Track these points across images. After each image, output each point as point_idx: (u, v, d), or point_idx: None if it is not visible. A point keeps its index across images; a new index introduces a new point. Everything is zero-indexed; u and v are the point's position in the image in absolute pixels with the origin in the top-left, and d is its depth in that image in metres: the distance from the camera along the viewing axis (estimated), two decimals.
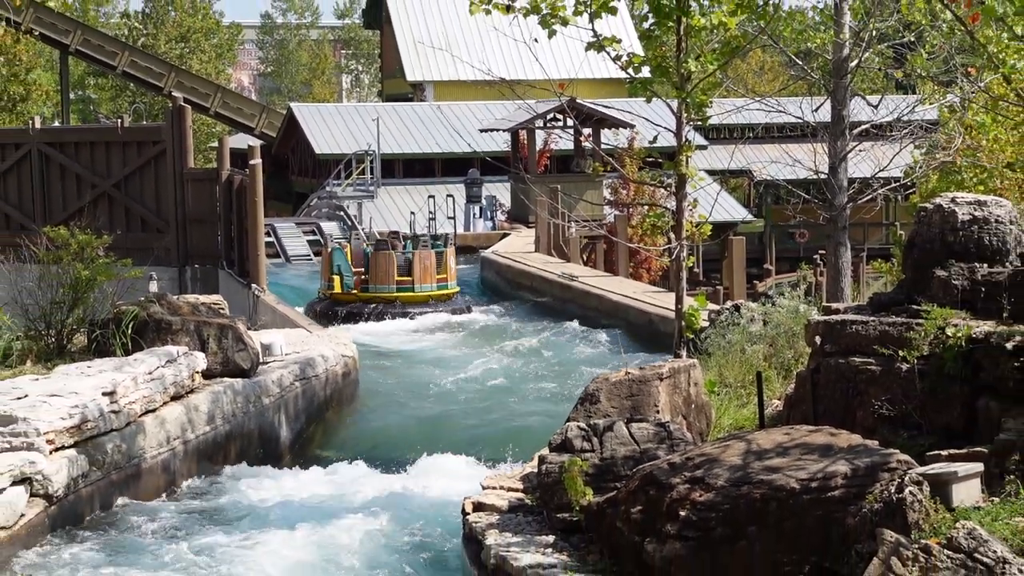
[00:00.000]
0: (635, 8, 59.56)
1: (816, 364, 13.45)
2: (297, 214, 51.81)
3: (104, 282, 20.62)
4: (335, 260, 32.04)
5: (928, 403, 12.32)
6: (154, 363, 17.95)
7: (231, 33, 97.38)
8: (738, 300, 25.57)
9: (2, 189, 33.97)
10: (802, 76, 19.71)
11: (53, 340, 19.97)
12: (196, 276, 32.54)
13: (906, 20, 17.84)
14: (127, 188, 33.11)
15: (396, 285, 31.78)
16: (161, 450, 17.44)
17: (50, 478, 15.06)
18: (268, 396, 19.88)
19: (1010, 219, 13.53)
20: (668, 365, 14.72)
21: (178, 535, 15.76)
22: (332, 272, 32.24)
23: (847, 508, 10.44)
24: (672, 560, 10.86)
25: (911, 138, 20.12)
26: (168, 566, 14.53)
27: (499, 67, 42.56)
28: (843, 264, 17.84)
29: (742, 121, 30.54)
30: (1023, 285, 12.79)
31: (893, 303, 13.53)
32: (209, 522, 16.33)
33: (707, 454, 11.50)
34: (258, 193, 30.36)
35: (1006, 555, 9.24)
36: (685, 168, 15.49)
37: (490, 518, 13.11)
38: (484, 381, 24.87)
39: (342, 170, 52.94)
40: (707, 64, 15.16)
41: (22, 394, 16.13)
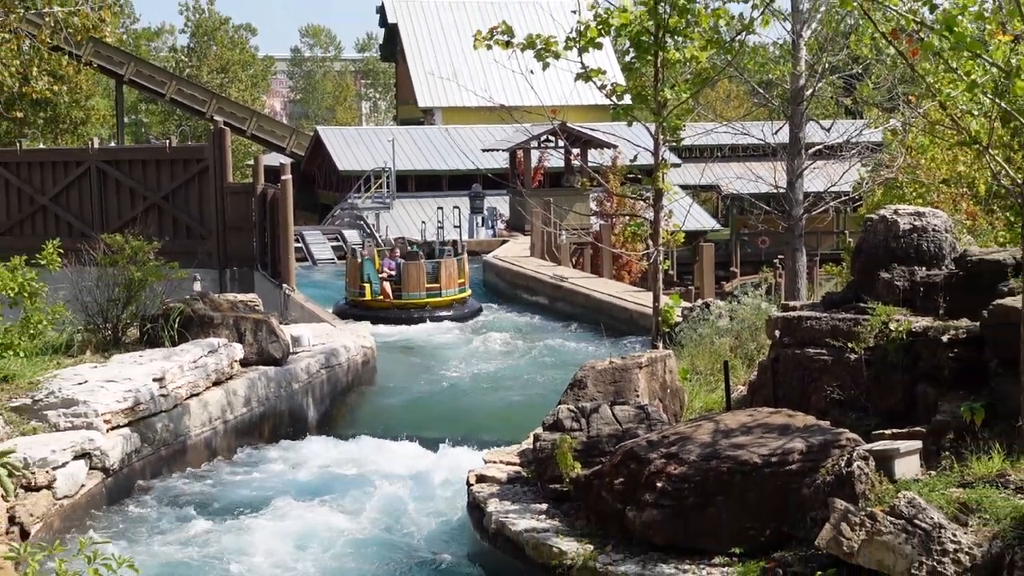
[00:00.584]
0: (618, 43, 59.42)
1: (776, 354, 13.47)
2: (323, 223, 51.68)
3: (154, 282, 20.59)
4: (365, 270, 31.43)
5: (873, 389, 12.35)
6: (198, 353, 17.96)
7: (265, 65, 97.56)
8: (708, 299, 25.59)
9: (65, 201, 33.95)
10: (763, 103, 19.73)
11: (109, 333, 19.93)
12: (234, 277, 32.52)
13: (854, 54, 17.86)
14: (174, 200, 33.09)
15: (426, 291, 31.39)
16: (204, 429, 17.45)
17: (107, 453, 15.09)
18: (297, 382, 19.88)
19: (945, 228, 13.55)
20: (647, 355, 14.71)
21: (219, 502, 15.77)
22: (363, 281, 31.37)
23: (803, 480, 10.45)
24: (650, 525, 10.88)
25: (859, 157, 20.15)
26: (209, 530, 14.53)
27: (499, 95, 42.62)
28: (799, 267, 17.87)
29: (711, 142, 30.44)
30: (957, 286, 12.81)
31: (843, 301, 13.57)
32: (246, 490, 16.34)
33: (681, 433, 11.51)
34: (288, 204, 30.36)
35: (942, 521, 9.25)
36: (662, 183, 15.49)
37: (491, 488, 13.12)
38: (486, 369, 24.86)
39: (362, 184, 52.90)
40: (681, 93, 15.14)
41: (83, 380, 16.15)
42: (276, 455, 18.07)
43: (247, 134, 61.92)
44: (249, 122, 62.89)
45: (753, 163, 22.10)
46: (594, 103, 56.54)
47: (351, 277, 31.93)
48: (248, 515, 15.04)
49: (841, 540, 9.41)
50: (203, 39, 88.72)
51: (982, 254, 13.10)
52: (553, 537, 11.46)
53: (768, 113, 20.90)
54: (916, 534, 9.19)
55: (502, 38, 14.36)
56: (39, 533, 13.21)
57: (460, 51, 65.33)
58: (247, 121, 62.69)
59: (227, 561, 13.41)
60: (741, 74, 17.85)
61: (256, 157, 38.67)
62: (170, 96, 61.76)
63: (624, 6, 14.79)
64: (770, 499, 10.46)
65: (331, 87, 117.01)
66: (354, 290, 31.62)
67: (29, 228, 33.77)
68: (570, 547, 11.17)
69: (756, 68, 18.07)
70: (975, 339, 11.68)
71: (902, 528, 9.24)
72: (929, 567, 9.07)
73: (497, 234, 47.79)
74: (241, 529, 14.53)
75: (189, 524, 14.76)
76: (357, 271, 31.51)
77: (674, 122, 15.27)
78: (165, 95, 61.81)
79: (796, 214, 17.36)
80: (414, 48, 68.53)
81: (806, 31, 17.37)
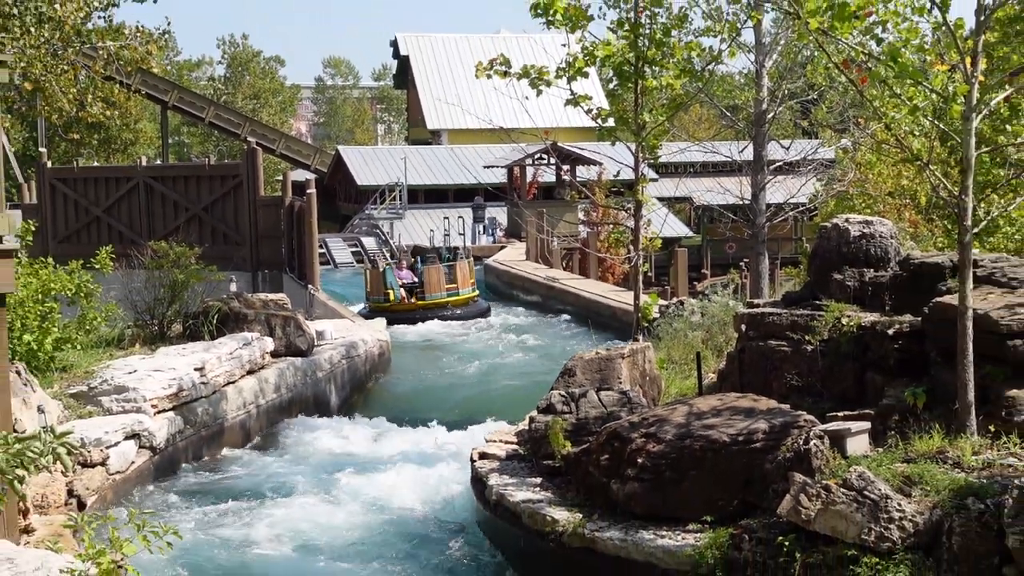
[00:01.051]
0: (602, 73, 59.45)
1: (742, 346, 13.46)
2: (343, 231, 51.73)
3: (195, 283, 20.63)
4: (388, 278, 30.87)
5: (827, 376, 12.34)
6: (234, 346, 17.98)
7: (292, 92, 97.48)
8: (682, 297, 25.58)
9: (116, 212, 33.91)
10: (730, 125, 19.71)
11: (156, 328, 19.96)
12: (265, 279, 32.48)
13: (810, 82, 17.86)
14: (212, 211, 33.06)
15: (446, 291, 31.03)
16: (239, 412, 17.46)
17: (154, 434, 15.11)
18: (321, 371, 19.89)
19: (890, 235, 13.56)
20: (628, 347, 14.72)
21: (253, 476, 15.80)
22: (386, 287, 30.74)
23: (766, 457, 10.45)
24: (632, 496, 10.88)
25: (814, 173, 20.15)
26: (244, 499, 14.56)
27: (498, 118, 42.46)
28: (762, 269, 17.86)
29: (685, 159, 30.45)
30: (901, 285, 12.83)
31: (801, 299, 13.56)
32: (276, 465, 16.38)
33: (658, 415, 11.51)
34: (313, 215, 30.40)
35: (888, 492, 9.26)
36: (641, 196, 15.49)
37: (492, 464, 13.12)
38: (487, 359, 24.89)
39: (377, 197, 52.95)
40: (658, 116, 15.15)
41: (132, 369, 16.17)
42: (303, 435, 18.08)
43: (276, 153, 61.96)
44: (278, 142, 63.02)
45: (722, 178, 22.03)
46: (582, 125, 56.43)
47: (374, 285, 31.30)
48: (278, 487, 15.08)
49: (800, 509, 9.42)
50: (238, 70, 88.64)
51: (923, 258, 13.13)
52: (547, 507, 11.47)
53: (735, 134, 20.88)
54: (866, 504, 9.20)
55: (500, 68, 14.36)
56: (94, 504, 13.23)
57: (464, 80, 65.33)
58: (276, 142, 62.80)
59: (260, 527, 13.44)
60: (711, 99, 17.87)
61: (284, 173, 38.64)
62: (209, 120, 61.82)
63: (607, 40, 14.80)
64: (737, 473, 10.46)
65: (350, 111, 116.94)
66: (377, 297, 30.97)
67: (85, 236, 33.72)
68: (562, 516, 11.19)
69: (724, 94, 18.11)
70: (917, 332, 11.70)
71: (853, 499, 9.25)
72: (877, 533, 9.08)
73: (496, 241, 47.84)
74: (272, 499, 14.56)
75: (225, 496, 14.78)
76: (380, 280, 31.06)
77: (652, 142, 15.28)
78: (204, 119, 61.87)
79: (759, 222, 17.36)
80: (423, 77, 68.57)
81: (768, 62, 17.38)
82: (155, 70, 44.96)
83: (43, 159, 34.94)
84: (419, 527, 13.55)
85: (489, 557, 12.27)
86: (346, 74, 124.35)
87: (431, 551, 12.65)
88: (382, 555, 12.57)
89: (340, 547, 12.88)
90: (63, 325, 17.15)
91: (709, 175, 29.95)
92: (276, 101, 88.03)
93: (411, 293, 30.65)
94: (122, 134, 58.95)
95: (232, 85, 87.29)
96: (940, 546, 8.91)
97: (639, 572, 10.30)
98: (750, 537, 9.80)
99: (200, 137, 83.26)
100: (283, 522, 13.69)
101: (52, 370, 16.29)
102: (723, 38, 14.89)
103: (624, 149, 16.34)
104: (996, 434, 10.11)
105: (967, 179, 10.25)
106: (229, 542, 12.97)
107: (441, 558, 12.44)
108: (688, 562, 9.98)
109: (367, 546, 12.86)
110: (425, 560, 12.41)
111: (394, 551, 12.66)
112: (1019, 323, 10.46)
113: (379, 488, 14.93)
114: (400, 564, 12.31)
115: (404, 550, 12.75)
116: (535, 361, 24.20)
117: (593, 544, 10.71)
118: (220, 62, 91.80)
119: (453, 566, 12.22)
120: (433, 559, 12.43)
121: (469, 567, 12.12)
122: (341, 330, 22.37)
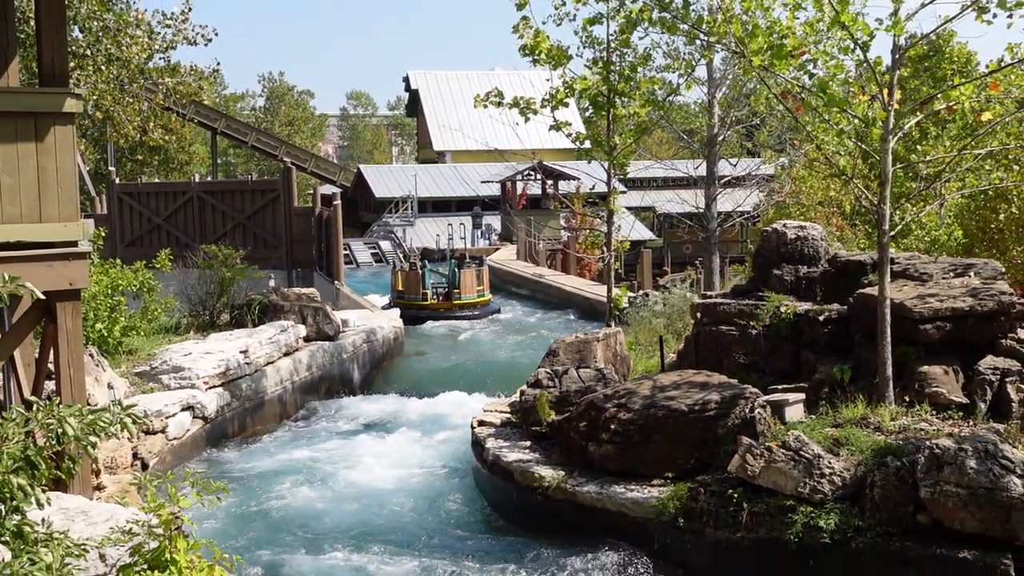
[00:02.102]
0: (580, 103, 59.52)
1: (697, 331, 13.45)
2: (364, 236, 51.59)
3: (240, 280, 20.54)
4: (427, 279, 28.91)
5: (769, 355, 12.34)
6: (272, 332, 17.88)
7: (320, 120, 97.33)
8: (647, 290, 25.57)
9: (173, 220, 33.69)
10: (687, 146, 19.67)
11: (207, 318, 19.86)
12: (299, 276, 32.25)
13: (754, 110, 17.83)
14: (254, 220, 32.82)
15: (476, 293, 29.44)
16: (277, 388, 17.37)
17: (206, 406, 15.02)
18: (346, 353, 19.79)
19: (821, 237, 13.54)
20: (603, 332, 14.68)
21: (290, 442, 15.73)
22: (424, 287, 28.68)
23: (718, 423, 10.44)
24: (606, 456, 10.86)
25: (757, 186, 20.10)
26: (284, 463, 14.50)
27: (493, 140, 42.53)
28: (714, 266, 17.85)
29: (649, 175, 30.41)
30: (829, 279, 12.83)
31: (746, 291, 13.55)
32: (310, 433, 16.30)
33: (628, 388, 11.49)
34: (339, 223, 30.25)
35: (820, 452, 9.24)
36: (613, 205, 15.46)
37: (489, 430, 13.08)
38: (486, 343, 24.82)
39: (392, 207, 52.83)
40: (626, 139, 15.12)
41: (187, 352, 16.07)
42: (330, 407, 18.02)
43: (308, 171, 61.78)
44: (309, 162, 62.97)
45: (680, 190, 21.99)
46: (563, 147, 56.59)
47: (410, 285, 29.09)
48: (312, 452, 15.01)
49: (747, 467, 9.40)
50: (275, 101, 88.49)
51: (848, 256, 13.12)
52: (535, 466, 11.44)
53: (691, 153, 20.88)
54: (801, 461, 9.18)
55: (495, 99, 14.34)
56: (156, 465, 13.15)
57: (464, 108, 65.26)
58: (308, 161, 62.73)
59: (293, 483, 13.39)
60: (671, 125, 17.81)
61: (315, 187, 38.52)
62: (251, 143, 61.71)
63: (584, 75, 14.77)
64: (694, 437, 10.44)
65: (369, 136, 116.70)
66: (414, 296, 28.81)
67: (147, 241, 33.49)
68: (548, 473, 11.16)
69: (681, 120, 18.08)
70: (843, 318, 11.69)
71: (791, 458, 9.24)
72: (811, 486, 9.06)
73: (492, 244, 47.74)
74: (308, 463, 14.50)
75: (267, 459, 14.72)
76: (419, 280, 29.06)
77: (621, 160, 15.25)
78: (248, 143, 61.75)
79: (712, 227, 17.34)
80: (430, 107, 68.45)
81: (718, 93, 17.35)
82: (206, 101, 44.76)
83: (112, 176, 34.69)
84: (427, 481, 13.50)
85: (486, 507, 12.23)
86: (366, 105, 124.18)
87: (437, 503, 12.60)
88: (397, 506, 12.52)
89: (359, 499, 12.81)
90: (129, 316, 17.07)
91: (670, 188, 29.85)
92: (307, 127, 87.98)
93: (447, 296, 29.17)
94: (178, 155, 58.72)
95: (270, 114, 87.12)
96: (864, 497, 8.91)
97: (613, 520, 10.28)
98: (705, 490, 9.80)
99: (244, 158, 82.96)
100: (312, 478, 13.64)
101: (120, 353, 16.21)
102: (680, 74, 14.87)
103: (598, 167, 16.30)
104: (910, 403, 10.11)
105: (885, 190, 10.23)
106: (267, 495, 12.92)
107: (445, 508, 12.40)
108: (653, 511, 9.97)
109: (382, 499, 12.78)
110: (433, 510, 12.37)
111: (406, 502, 12.62)
112: (930, 310, 10.45)
113: (393, 451, 14.88)
114: (411, 514, 12.26)
115: (414, 502, 12.70)
116: (524, 343, 24.13)
117: (574, 497, 10.68)
118: (260, 95, 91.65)
119: (456, 514, 12.18)
120: (439, 509, 12.38)
121: (469, 515, 12.08)
122: (363, 319, 22.26)
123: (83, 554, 5.67)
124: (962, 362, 10.41)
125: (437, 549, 10.86)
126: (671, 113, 16.70)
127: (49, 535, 5.48)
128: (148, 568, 6.39)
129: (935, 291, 10.90)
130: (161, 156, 57.21)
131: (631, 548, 9.99)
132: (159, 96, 20.00)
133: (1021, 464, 8.46)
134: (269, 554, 10.74)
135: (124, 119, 19.10)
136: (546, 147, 51.11)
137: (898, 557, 8.53)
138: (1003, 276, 11.73)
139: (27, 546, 5.13)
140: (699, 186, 18.01)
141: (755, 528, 9.19)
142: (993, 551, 8.28)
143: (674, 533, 9.71)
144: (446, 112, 67.13)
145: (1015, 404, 9.99)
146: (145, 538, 6.49)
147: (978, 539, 8.37)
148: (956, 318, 10.43)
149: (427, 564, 10.38)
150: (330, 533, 11.57)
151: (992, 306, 10.46)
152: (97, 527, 7.14)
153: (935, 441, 8.74)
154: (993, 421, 9.78)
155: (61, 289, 8.72)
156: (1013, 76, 10.44)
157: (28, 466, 5.03)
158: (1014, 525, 8.24)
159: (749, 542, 9.19)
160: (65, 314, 8.83)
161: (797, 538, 8.87)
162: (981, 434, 8.88)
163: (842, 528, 8.78)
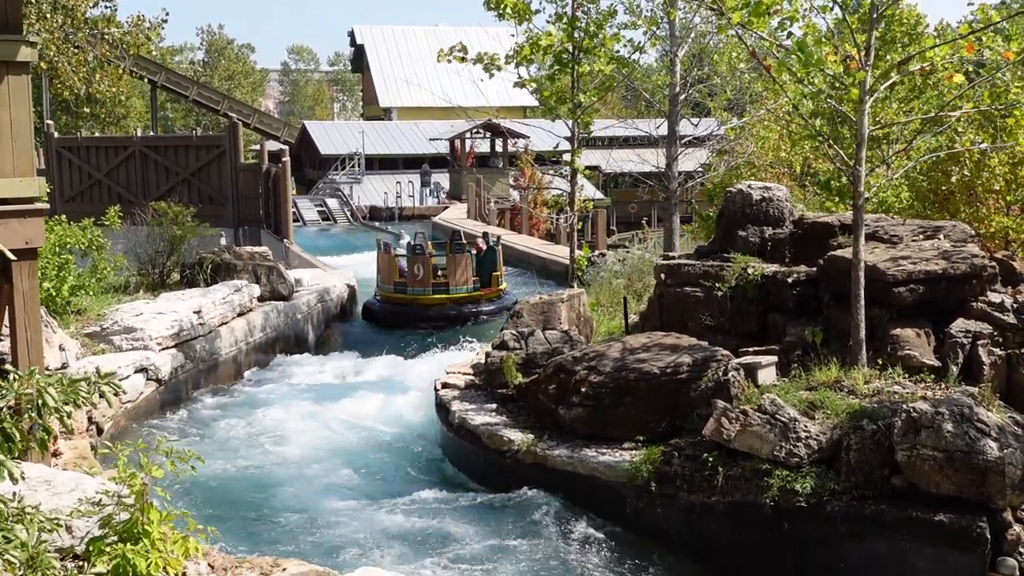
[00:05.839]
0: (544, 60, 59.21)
1: (661, 292, 13.33)
2: (310, 194, 50.83)
3: (191, 238, 20.09)
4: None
5: (735, 317, 12.27)
6: (226, 292, 17.50)
7: (261, 75, 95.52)
8: (602, 250, 25.47)
9: (115, 176, 32.96)
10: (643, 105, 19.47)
11: (157, 277, 19.40)
12: (246, 234, 31.73)
13: (715, 69, 17.69)
14: (199, 176, 32.23)
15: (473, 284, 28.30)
16: (231, 349, 17.02)
17: (159, 368, 14.66)
18: (300, 312, 19.45)
19: (786, 198, 13.48)
20: (566, 293, 14.58)
21: (246, 404, 15.44)
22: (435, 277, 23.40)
23: (690, 386, 10.37)
24: (577, 420, 10.76)
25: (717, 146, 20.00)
26: (241, 426, 14.24)
27: (445, 94, 41.93)
28: (674, 227, 17.71)
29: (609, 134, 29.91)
30: (796, 241, 12.78)
31: (711, 252, 13.44)
32: (266, 395, 16.01)
33: (597, 350, 11.36)
34: (287, 179, 29.75)
35: (795, 415, 9.21)
36: (578, 164, 15.28)
37: (453, 392, 12.91)
38: None
39: (339, 164, 52.11)
40: (590, 97, 14.91)
41: (139, 312, 15.65)
42: (285, 367, 17.73)
43: (251, 126, 60.67)
44: (252, 117, 62.02)
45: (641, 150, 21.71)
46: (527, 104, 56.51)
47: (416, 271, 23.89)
48: (267, 413, 14.75)
49: (722, 430, 9.33)
50: (215, 55, 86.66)
51: (815, 218, 13.08)
52: (503, 429, 11.31)
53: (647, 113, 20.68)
54: (777, 425, 9.14)
55: (459, 54, 14.04)
56: (110, 430, 12.82)
57: (412, 64, 64.53)
58: (251, 117, 61.73)
59: (251, 446, 13.15)
60: (633, 84, 17.60)
61: (262, 143, 37.86)
62: (192, 97, 60.49)
63: (549, 31, 14.50)
64: (666, 400, 10.36)
65: (311, 92, 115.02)
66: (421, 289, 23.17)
67: (88, 197, 32.76)
68: (516, 436, 11.03)
69: (645, 80, 17.86)
70: (812, 280, 11.65)
71: (766, 421, 9.18)
72: (787, 449, 9.03)
73: (440, 202, 47.28)
74: (261, 423, 14.25)
75: (222, 420, 14.44)
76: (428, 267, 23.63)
77: (585, 119, 15.05)
78: (189, 96, 60.51)
79: (672, 187, 17.20)
80: (376, 62, 67.40)
81: (680, 52, 17.14)
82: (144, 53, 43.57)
83: (50, 130, 33.70)
84: (391, 445, 13.31)
85: (452, 471, 12.07)
86: (308, 60, 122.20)
87: (399, 468, 12.41)
88: (360, 467, 12.33)
89: (321, 463, 12.60)
90: (77, 274, 16.57)
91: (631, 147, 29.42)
92: (247, 82, 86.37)
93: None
94: (115, 109, 57.39)
95: (210, 68, 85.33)
96: (840, 460, 8.89)
97: (584, 484, 10.20)
98: (679, 454, 9.72)
99: (183, 112, 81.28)
100: (270, 441, 13.41)
101: (68, 313, 15.72)
102: (644, 31, 14.67)
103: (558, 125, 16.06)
104: (883, 366, 10.09)
105: (861, 152, 10.14)
106: (225, 459, 12.65)
107: (408, 473, 12.21)
108: (626, 475, 9.89)
109: (343, 465, 12.55)
110: (394, 475, 12.18)
111: (367, 468, 12.40)
112: (903, 273, 10.43)
113: (352, 414, 14.64)
114: (372, 480, 12.06)
115: (377, 463, 12.52)
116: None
117: (544, 461, 10.57)
118: (199, 48, 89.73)
119: (419, 480, 11.99)
120: (401, 474, 12.20)
121: (434, 480, 11.88)
122: (316, 278, 21.89)
123: (56, 528, 5.41)
124: (933, 325, 10.42)
125: (401, 509, 10.68)
126: (634, 71, 16.45)
127: (21, 509, 5.21)
128: (119, 540, 6.12)
129: (907, 253, 10.88)
130: (98, 110, 55.81)
131: (603, 512, 9.91)
132: (104, 47, 19.33)
133: (996, 427, 8.49)
134: (229, 520, 10.49)
135: (69, 70, 18.44)
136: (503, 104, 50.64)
137: (874, 520, 8.53)
138: (973, 239, 11.75)
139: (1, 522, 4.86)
140: (660, 145, 17.80)
141: (730, 492, 9.14)
142: (968, 514, 8.32)
143: (647, 497, 9.63)
144: (392, 68, 66.19)
145: (986, 367, 10.03)
146: (115, 509, 6.22)
147: (953, 502, 8.40)
148: (929, 281, 10.42)
149: (396, 523, 10.21)
150: (290, 498, 11.34)
151: (965, 269, 10.47)
152: (62, 497, 6.85)
153: (912, 404, 8.73)
154: (964, 384, 9.81)
155: (18, 248, 8.34)
156: (985, 38, 10.37)
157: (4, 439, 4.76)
158: (989, 488, 8.28)
159: (724, 506, 9.14)
160: (21, 274, 8.47)
161: (773, 501, 8.84)
162: (956, 397, 8.89)
163: (818, 491, 8.76)
